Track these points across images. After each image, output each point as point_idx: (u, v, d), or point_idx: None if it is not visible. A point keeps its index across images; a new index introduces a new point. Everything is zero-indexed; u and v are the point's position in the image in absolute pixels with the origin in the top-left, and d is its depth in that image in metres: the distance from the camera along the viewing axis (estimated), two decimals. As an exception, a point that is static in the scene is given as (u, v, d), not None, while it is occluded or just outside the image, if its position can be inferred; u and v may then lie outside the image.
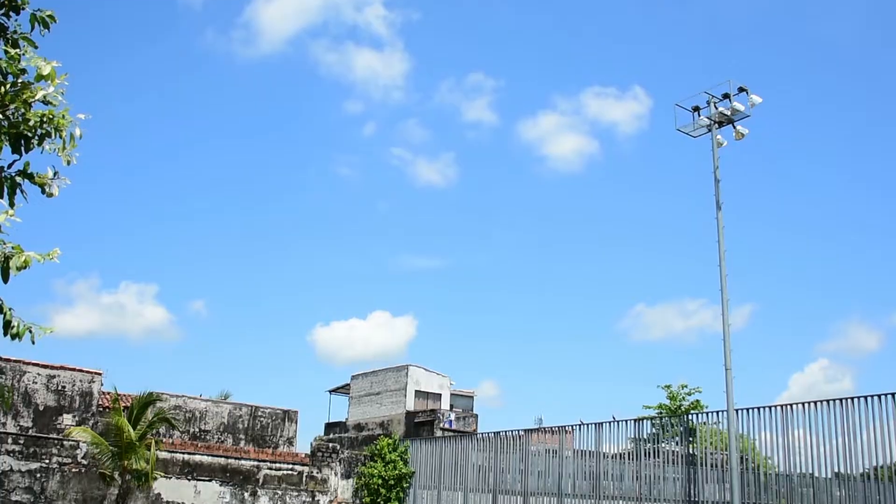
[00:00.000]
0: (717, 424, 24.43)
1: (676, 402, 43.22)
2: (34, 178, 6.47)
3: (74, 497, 27.18)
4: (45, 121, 6.45)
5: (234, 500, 30.14)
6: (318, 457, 32.50)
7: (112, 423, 26.09)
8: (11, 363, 27.80)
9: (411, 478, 32.83)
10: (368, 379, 41.99)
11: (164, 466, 28.54)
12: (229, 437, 33.34)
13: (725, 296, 22.47)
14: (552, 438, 28.59)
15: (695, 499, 23.22)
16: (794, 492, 21.15)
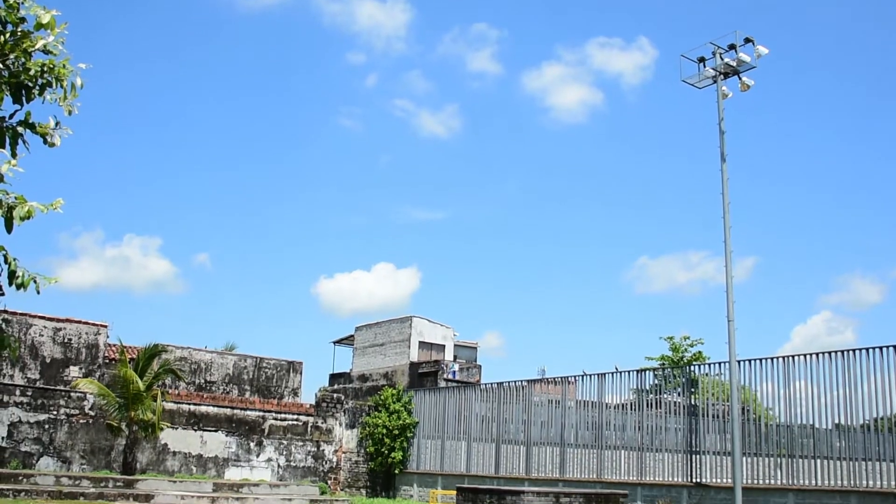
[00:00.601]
0: (718, 376, 24.58)
1: (679, 353, 43.49)
2: (36, 128, 6.47)
3: (82, 447, 27.49)
4: (45, 70, 6.42)
5: (239, 449, 30.46)
6: (322, 407, 32.77)
7: (118, 374, 26.30)
8: (18, 316, 27.96)
9: (415, 428, 33.13)
10: (372, 330, 42.21)
11: (170, 417, 28.82)
12: (235, 388, 33.62)
13: (729, 248, 22.47)
14: (555, 389, 28.78)
15: (696, 449, 23.44)
16: (794, 442, 21.33)
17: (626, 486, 24.32)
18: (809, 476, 20.71)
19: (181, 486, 25.87)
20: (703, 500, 22.50)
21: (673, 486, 23.39)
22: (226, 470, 29.95)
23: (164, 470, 28.73)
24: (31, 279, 5.74)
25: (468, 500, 22.57)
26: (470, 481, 28.96)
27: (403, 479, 32.94)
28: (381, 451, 32.84)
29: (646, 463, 24.57)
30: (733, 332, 21.98)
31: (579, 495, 22.09)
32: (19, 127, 6.36)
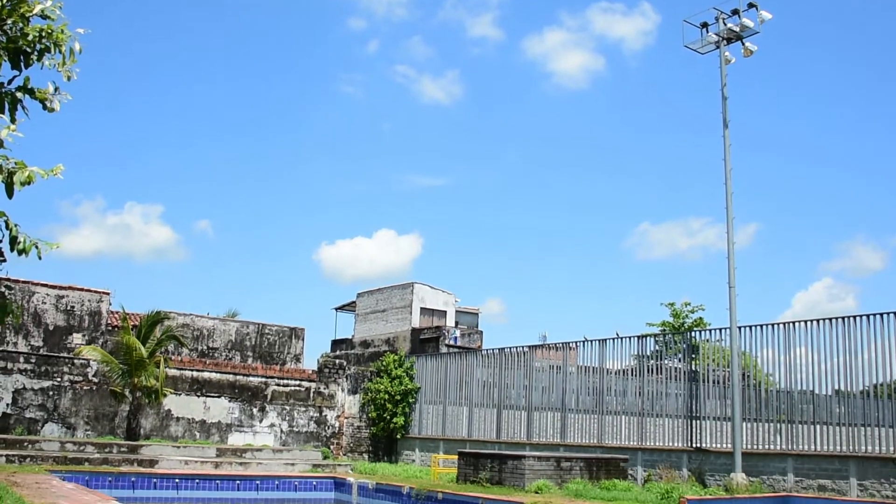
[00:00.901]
0: (719, 342, 24.65)
1: (680, 319, 43.64)
2: (35, 94, 6.46)
3: (86, 414, 27.68)
4: (43, 35, 6.40)
5: (242, 415, 30.66)
6: (325, 373, 32.94)
7: (121, 341, 26.44)
8: (20, 284, 28.04)
9: (417, 393, 33.30)
10: (374, 296, 42.30)
11: (173, 383, 28.99)
12: (237, 354, 33.76)
13: (730, 214, 22.46)
14: (556, 355, 28.88)
15: (696, 414, 23.57)
16: (794, 408, 21.44)
17: (626, 450, 24.50)
18: (809, 441, 20.84)
19: (185, 451, 26.10)
20: (703, 464, 22.66)
21: (673, 451, 23.54)
22: (229, 435, 30.17)
23: (167, 435, 28.95)
24: (32, 245, 5.75)
25: (470, 465, 22.78)
26: (471, 446, 29.17)
27: (405, 444, 33.17)
28: (383, 417, 33.04)
29: (646, 428, 24.72)
30: (734, 299, 22.03)
31: (580, 460, 22.30)
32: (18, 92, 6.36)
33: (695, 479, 22.44)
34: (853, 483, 19.45)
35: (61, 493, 15.94)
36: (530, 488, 20.26)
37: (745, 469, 21.24)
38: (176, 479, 23.36)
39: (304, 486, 25.49)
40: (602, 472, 22.11)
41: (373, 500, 23.83)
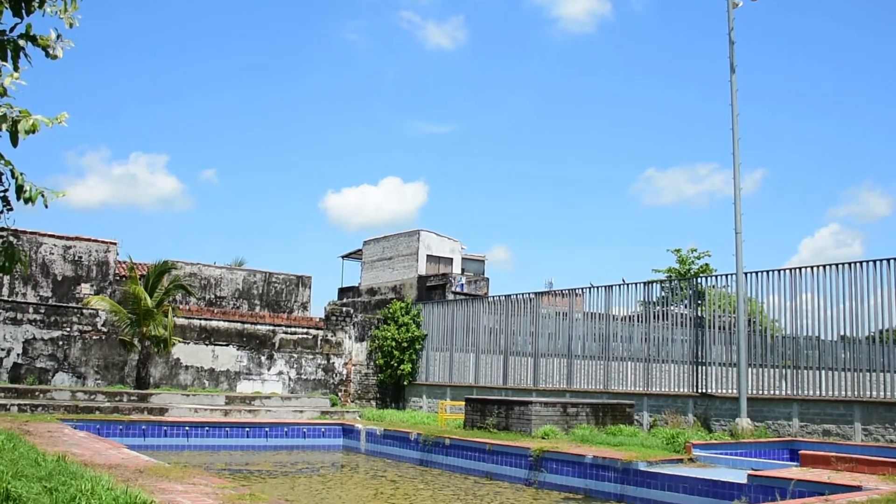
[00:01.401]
0: (725, 288, 24.66)
1: (686, 265, 43.65)
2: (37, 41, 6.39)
3: (96, 363, 27.91)
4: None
5: (251, 363, 30.90)
6: (332, 321, 33.11)
7: (129, 291, 26.56)
8: (28, 235, 28.10)
9: (424, 340, 33.49)
10: (380, 244, 42.31)
11: (181, 332, 29.18)
12: (244, 302, 33.91)
13: (737, 160, 22.31)
14: (562, 301, 28.95)
15: (702, 360, 23.67)
16: (799, 354, 21.53)
17: (632, 396, 24.68)
18: (814, 387, 20.96)
19: (194, 399, 26.36)
20: (708, 409, 22.83)
21: (679, 397, 23.71)
22: (237, 383, 30.44)
23: (176, 384, 29.22)
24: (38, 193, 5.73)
25: (477, 411, 22.97)
26: (478, 392, 29.43)
27: (413, 391, 33.46)
28: (390, 364, 33.29)
29: (652, 374, 24.87)
30: (740, 245, 21.99)
31: (586, 405, 22.47)
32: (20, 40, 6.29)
33: (700, 424, 22.63)
34: (858, 428, 19.60)
35: (73, 442, 16.14)
36: (537, 434, 20.44)
37: (751, 414, 21.41)
38: (186, 427, 23.59)
39: (313, 432, 25.77)
40: (608, 418, 22.29)
41: (381, 447, 24.08)
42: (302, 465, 21.96)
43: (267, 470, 20.41)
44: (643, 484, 15.82)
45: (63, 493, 8.12)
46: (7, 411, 22.36)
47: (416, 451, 22.31)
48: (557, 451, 17.82)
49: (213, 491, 10.49)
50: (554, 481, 17.66)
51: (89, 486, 8.19)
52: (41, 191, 5.73)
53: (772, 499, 12.52)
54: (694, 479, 14.86)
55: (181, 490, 10.39)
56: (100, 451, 15.01)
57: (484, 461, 19.77)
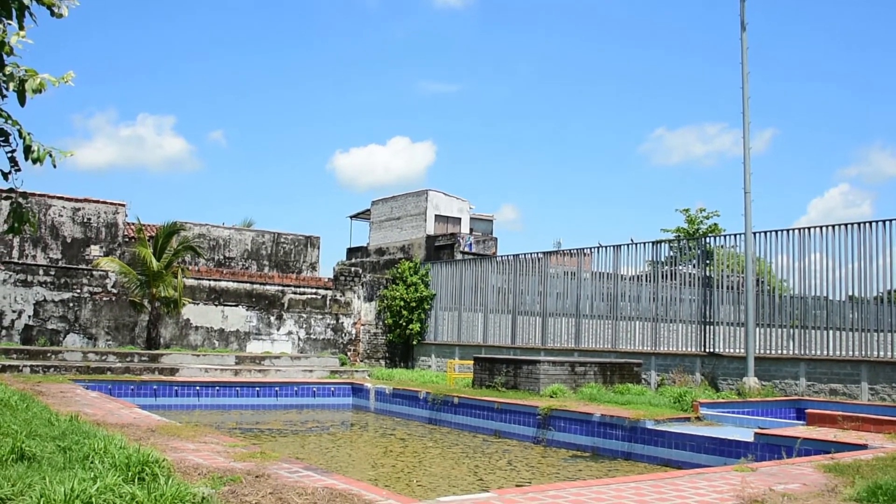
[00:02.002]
0: (734, 247, 24.63)
1: (694, 225, 43.59)
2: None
3: (107, 324, 28.10)
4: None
5: (260, 323, 31.06)
6: (340, 281, 33.21)
7: (138, 252, 26.66)
8: (37, 197, 28.17)
9: (432, 300, 33.59)
10: (388, 204, 42.29)
11: (191, 293, 29.32)
12: (253, 263, 34.02)
13: (747, 119, 22.17)
14: (571, 261, 28.96)
15: (710, 320, 23.72)
16: (807, 314, 21.55)
17: (640, 355, 24.77)
18: (822, 346, 21.00)
19: (205, 359, 26.56)
20: (716, 369, 22.91)
21: (686, 356, 23.79)
22: (247, 343, 30.64)
23: (187, 344, 29.42)
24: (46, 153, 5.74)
25: (485, 370, 23.10)
26: (487, 351, 29.57)
27: (421, 350, 33.63)
28: (399, 323, 33.43)
29: (660, 333, 24.94)
30: (749, 204, 21.92)
31: (594, 364, 22.57)
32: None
33: (708, 383, 22.73)
34: (864, 387, 19.66)
35: (86, 402, 16.31)
36: (545, 392, 20.57)
37: (758, 373, 21.49)
38: (196, 387, 23.80)
39: (323, 391, 25.98)
40: (616, 377, 22.40)
41: (390, 405, 24.28)
42: (312, 424, 22.17)
43: (277, 429, 20.61)
44: (650, 442, 15.95)
45: (76, 452, 8.23)
46: (19, 372, 22.57)
47: (425, 410, 22.50)
48: (565, 409, 17.95)
49: (225, 449, 10.61)
50: (562, 439, 17.81)
51: (102, 444, 8.29)
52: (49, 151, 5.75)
53: (778, 457, 12.61)
54: (701, 438, 14.97)
55: (193, 448, 10.51)
56: (112, 410, 15.18)
57: (492, 419, 19.94)
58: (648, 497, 8.24)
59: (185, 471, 8.57)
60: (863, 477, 9.31)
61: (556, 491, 8.49)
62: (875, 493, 8.14)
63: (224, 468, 8.91)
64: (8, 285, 26.47)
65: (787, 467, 10.50)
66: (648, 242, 26.25)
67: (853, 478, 9.38)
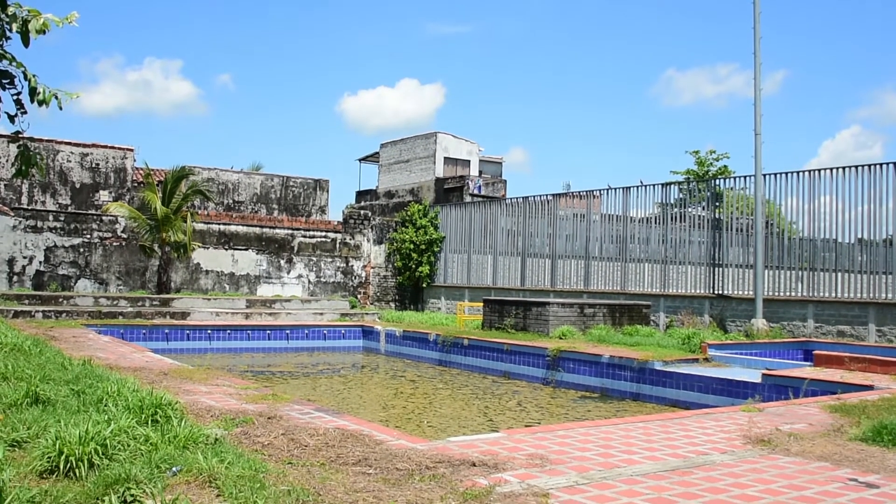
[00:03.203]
0: (743, 190, 24.54)
1: (704, 167, 43.38)
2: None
3: (118, 269, 28.25)
4: None
5: (270, 267, 31.19)
6: (350, 224, 33.24)
7: (147, 197, 26.70)
8: (44, 143, 28.14)
9: (441, 242, 33.64)
10: (397, 147, 42.17)
11: (201, 237, 29.41)
12: (263, 207, 34.05)
13: (758, 60, 21.93)
14: (580, 203, 28.90)
15: (719, 262, 23.73)
16: (816, 256, 21.53)
17: (649, 297, 24.84)
18: (830, 288, 21.02)
19: (215, 303, 26.73)
20: (724, 310, 22.97)
21: (695, 298, 23.84)
22: (258, 287, 30.80)
23: (197, 288, 29.59)
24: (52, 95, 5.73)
25: (495, 312, 23.22)
26: (496, 294, 29.68)
27: (431, 293, 33.77)
28: (408, 266, 33.53)
29: (669, 275, 24.97)
30: (759, 146, 21.78)
31: (603, 306, 22.65)
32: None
33: (716, 324, 22.81)
34: (872, 329, 19.72)
35: (98, 346, 16.48)
36: (554, 334, 20.69)
37: (766, 315, 21.55)
38: (208, 331, 23.99)
39: (333, 334, 26.17)
40: (625, 318, 22.49)
41: (400, 347, 24.46)
42: (323, 367, 22.37)
43: (288, 371, 20.81)
44: (658, 383, 16.07)
45: (90, 396, 8.34)
46: (32, 318, 22.78)
47: (435, 352, 22.67)
48: (575, 350, 18.07)
49: (237, 392, 10.73)
50: (571, 380, 17.96)
51: (115, 388, 8.39)
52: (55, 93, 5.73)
53: (785, 397, 12.70)
54: (708, 378, 15.07)
55: (205, 391, 10.64)
56: (124, 354, 15.33)
57: (502, 361, 20.09)
58: (656, 437, 8.33)
59: (198, 413, 8.68)
60: (868, 417, 9.38)
61: (565, 431, 8.58)
62: (880, 433, 8.21)
63: (236, 410, 9.02)
64: (18, 231, 26.59)
65: (793, 408, 10.58)
66: (658, 184, 26.17)
67: (859, 418, 9.46)
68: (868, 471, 6.94)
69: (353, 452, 7.04)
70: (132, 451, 6.19)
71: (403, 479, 6.18)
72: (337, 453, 7.00)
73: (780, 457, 7.47)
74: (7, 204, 27.26)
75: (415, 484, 6.05)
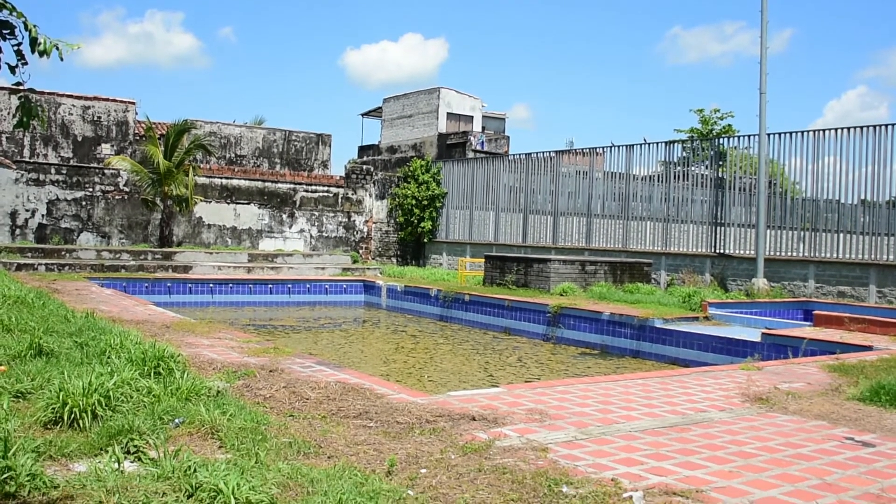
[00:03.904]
0: (747, 149, 24.44)
1: (708, 126, 43.14)
2: None
3: (120, 223, 28.24)
4: None
5: (272, 221, 31.18)
6: (352, 179, 33.18)
7: (149, 151, 26.63)
8: (46, 95, 27.98)
9: (444, 198, 33.59)
10: (400, 102, 41.93)
11: (203, 191, 29.37)
12: (265, 161, 33.95)
13: (765, 17, 21.73)
14: (583, 160, 28.82)
15: (721, 221, 23.71)
16: (818, 216, 21.50)
17: (650, 255, 24.86)
18: (832, 249, 21.03)
19: (217, 257, 26.79)
20: (725, 269, 23.00)
21: (697, 256, 23.86)
22: (259, 241, 30.83)
23: (199, 242, 29.61)
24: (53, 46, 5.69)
25: (496, 268, 23.27)
26: (498, 250, 29.71)
27: (433, 248, 33.80)
28: (410, 222, 33.52)
29: (671, 234, 24.97)
30: (764, 105, 21.67)
31: (605, 264, 22.68)
32: None
33: (717, 283, 22.86)
34: (872, 290, 19.75)
35: (101, 299, 16.55)
36: (555, 291, 20.74)
37: (767, 275, 21.59)
38: (210, 284, 24.05)
39: (335, 288, 26.25)
40: (626, 276, 22.54)
41: (401, 303, 24.55)
42: (324, 321, 22.47)
43: (290, 325, 20.91)
44: (658, 340, 16.15)
45: (93, 348, 8.40)
46: (35, 270, 22.85)
47: (437, 307, 22.76)
48: (575, 307, 18.14)
49: (239, 345, 10.80)
50: (571, 337, 18.05)
51: (118, 340, 8.45)
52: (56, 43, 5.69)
53: (784, 357, 12.78)
54: (708, 337, 15.14)
55: (207, 344, 10.71)
56: (127, 307, 15.41)
57: (503, 317, 20.18)
58: (655, 393, 8.40)
59: (200, 366, 8.75)
60: (867, 377, 9.45)
61: (565, 387, 8.65)
62: (878, 393, 8.27)
63: (238, 363, 9.09)
64: (20, 184, 26.56)
65: (792, 367, 10.65)
66: (661, 143, 26.07)
67: (857, 378, 9.52)
68: (865, 430, 7.01)
69: (353, 406, 7.10)
70: (135, 403, 6.26)
71: (404, 433, 6.24)
72: (338, 406, 7.06)
73: (777, 415, 7.54)
74: (9, 157, 27.19)
75: (415, 437, 6.12)
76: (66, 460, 5.04)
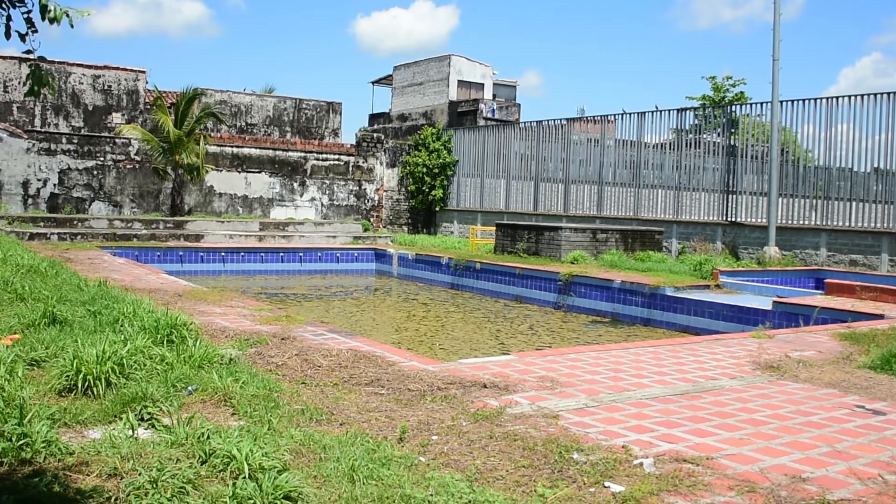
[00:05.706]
0: (759, 116, 24.26)
1: (720, 93, 42.82)
2: None
3: (132, 192, 28.29)
4: None
5: (283, 190, 31.19)
6: (363, 147, 33.12)
7: (159, 119, 26.63)
8: (56, 65, 27.96)
9: (455, 166, 33.51)
10: (411, 69, 41.76)
11: (214, 160, 29.37)
12: (275, 129, 33.93)
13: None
14: (594, 128, 28.68)
15: (733, 189, 23.60)
16: (831, 184, 21.37)
17: (662, 223, 24.80)
18: (843, 217, 20.92)
19: (229, 225, 26.85)
20: (736, 238, 22.94)
21: (708, 224, 23.79)
22: (271, 210, 30.85)
23: (211, 211, 29.65)
24: (63, 13, 5.68)
25: (507, 236, 23.25)
26: (509, 218, 29.65)
27: (444, 217, 33.78)
28: (421, 190, 33.48)
29: (682, 202, 24.88)
30: (777, 72, 21.49)
31: (616, 232, 22.64)
32: None
33: (728, 251, 22.80)
34: (885, 258, 19.66)
35: (113, 268, 16.63)
36: (566, 259, 20.73)
37: (779, 243, 21.51)
38: (222, 253, 24.11)
39: (346, 256, 26.30)
40: (637, 244, 22.49)
41: (413, 271, 24.59)
42: (336, 289, 22.54)
43: (302, 293, 20.98)
44: (669, 308, 16.15)
45: (106, 316, 8.45)
46: (47, 240, 22.95)
47: (448, 275, 22.79)
48: (586, 275, 18.14)
49: (251, 313, 10.85)
50: (582, 305, 18.06)
51: (131, 308, 8.50)
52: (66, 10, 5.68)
53: (795, 325, 12.76)
54: (719, 305, 15.13)
55: (220, 312, 10.76)
56: (139, 276, 15.48)
57: (514, 285, 20.20)
58: (666, 361, 8.41)
59: (213, 334, 8.80)
60: (878, 345, 9.43)
61: (576, 354, 8.67)
62: (889, 361, 8.26)
63: (250, 331, 9.14)
64: (32, 154, 26.61)
65: (803, 335, 10.64)
66: (673, 110, 25.91)
67: (868, 346, 9.51)
68: (875, 398, 7.01)
69: (365, 373, 7.14)
70: (148, 371, 6.30)
71: (415, 400, 6.27)
72: (350, 374, 7.10)
73: (788, 383, 7.55)
74: (20, 126, 27.23)
75: (426, 404, 6.15)
76: (81, 427, 5.09)
